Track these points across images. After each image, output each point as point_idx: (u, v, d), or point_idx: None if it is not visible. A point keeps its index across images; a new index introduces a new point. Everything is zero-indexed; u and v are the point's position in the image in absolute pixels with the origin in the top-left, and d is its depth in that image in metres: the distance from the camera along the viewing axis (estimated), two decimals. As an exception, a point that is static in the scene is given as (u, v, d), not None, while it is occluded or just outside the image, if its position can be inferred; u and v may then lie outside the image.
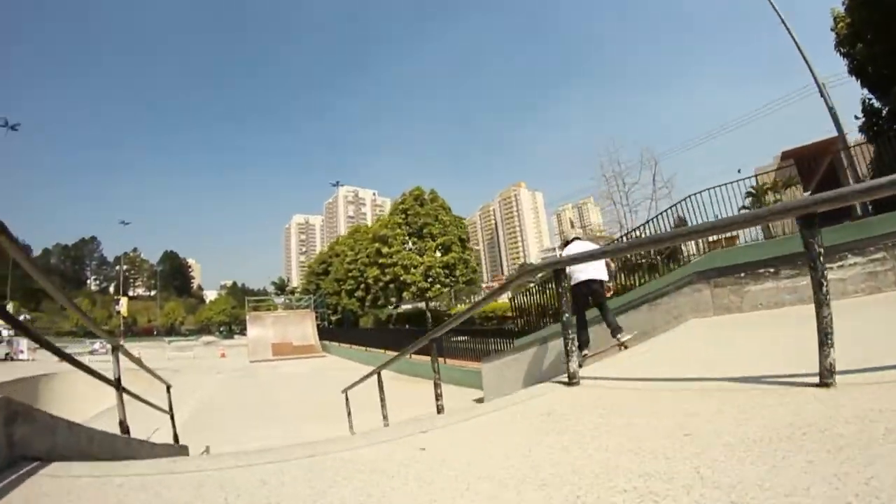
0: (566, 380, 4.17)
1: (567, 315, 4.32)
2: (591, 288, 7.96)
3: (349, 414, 9.87)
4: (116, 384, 4.70)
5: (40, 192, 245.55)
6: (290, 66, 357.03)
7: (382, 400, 7.73)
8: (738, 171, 25.11)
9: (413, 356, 18.72)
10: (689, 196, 14.76)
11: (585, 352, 7.76)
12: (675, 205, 15.78)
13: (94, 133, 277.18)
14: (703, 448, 2.21)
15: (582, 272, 7.93)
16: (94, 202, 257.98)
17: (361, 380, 9.53)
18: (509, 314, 33.03)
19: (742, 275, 9.47)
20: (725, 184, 14.13)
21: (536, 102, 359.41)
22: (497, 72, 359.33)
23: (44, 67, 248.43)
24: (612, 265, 8.63)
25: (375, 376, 8.98)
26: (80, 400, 20.13)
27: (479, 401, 12.14)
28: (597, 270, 8.00)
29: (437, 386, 5.70)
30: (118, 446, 4.11)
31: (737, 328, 7.61)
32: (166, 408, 8.23)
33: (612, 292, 8.74)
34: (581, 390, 3.93)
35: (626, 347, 7.48)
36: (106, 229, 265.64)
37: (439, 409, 5.46)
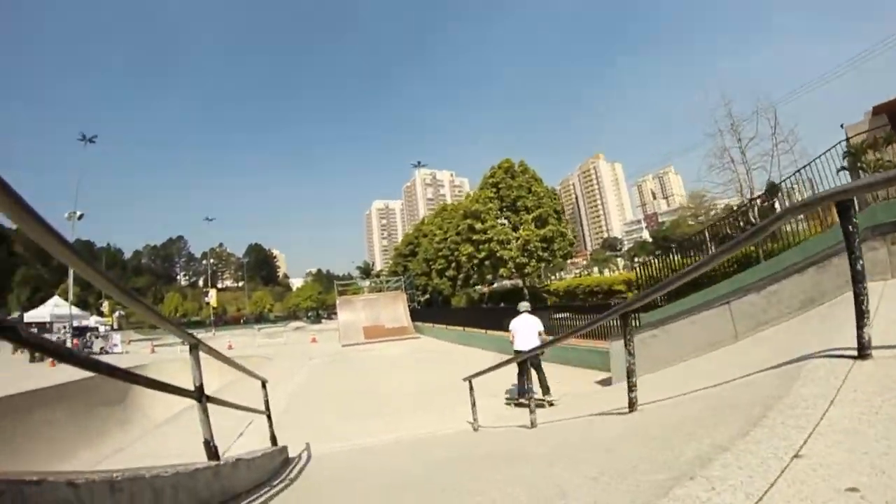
0: (852, 353, 2.73)
1: (860, 263, 2.92)
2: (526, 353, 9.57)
3: (473, 405, 8.54)
4: (198, 394, 3.55)
5: (127, 199, 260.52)
6: (359, 52, 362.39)
7: (530, 391, 6.25)
8: (842, 127, 22.63)
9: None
10: (797, 171, 13.60)
11: (524, 399, 10.08)
12: (798, 170, 13.83)
13: (173, 136, 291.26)
14: None
15: (522, 345, 10.81)
16: (179, 203, 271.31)
17: (493, 368, 8.20)
18: (618, 288, 31.41)
19: (923, 226, 7.76)
20: (828, 150, 12.69)
21: (609, 69, 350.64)
22: (567, 39, 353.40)
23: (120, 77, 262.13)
24: (544, 335, 11.20)
25: (507, 364, 7.55)
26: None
27: (604, 383, 10.81)
28: (533, 342, 10.81)
29: (630, 374, 4.22)
30: (203, 485, 2.97)
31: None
32: (260, 405, 7.28)
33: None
34: (893, 363, 2.53)
35: (552, 405, 10.30)
36: (192, 228, 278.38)
37: (632, 404, 4.06)
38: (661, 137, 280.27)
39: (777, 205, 17.15)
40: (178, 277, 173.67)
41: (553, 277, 75.06)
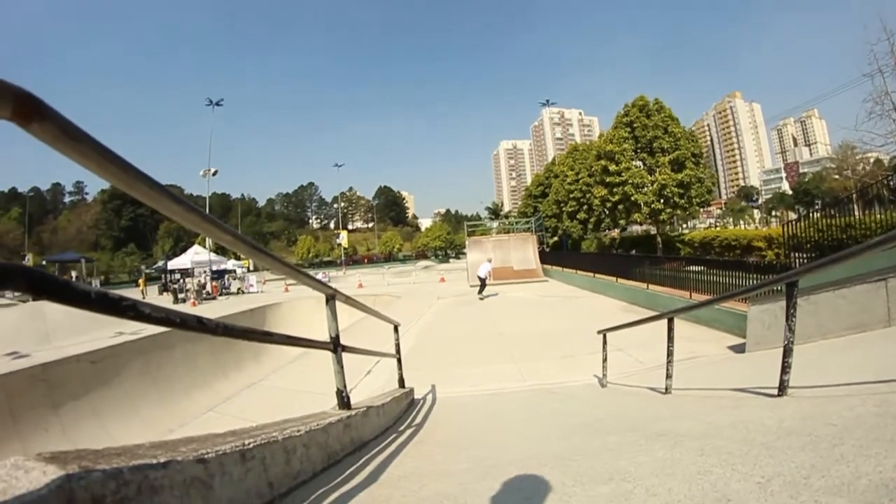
0: None
1: None
2: (482, 278, 23.61)
3: (604, 360, 8.29)
4: (333, 345, 3.53)
5: (260, 152, 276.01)
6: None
7: (670, 354, 5.85)
8: None
9: (651, 286, 17.04)
10: None
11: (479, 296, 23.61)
12: None
13: (300, 91, 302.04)
14: None
15: (480, 273, 23.89)
16: (310, 152, 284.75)
17: (634, 324, 7.77)
18: (757, 245, 29.58)
19: None
20: None
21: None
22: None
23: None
24: (490, 270, 24.40)
25: (651, 320, 7.08)
26: (302, 323, 21.67)
27: (735, 348, 10.19)
28: (484, 272, 23.79)
29: (787, 353, 3.72)
30: (334, 439, 2.96)
31: None
32: (390, 343, 7.43)
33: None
34: None
35: (482, 299, 23.19)
36: (322, 174, 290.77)
37: (782, 387, 3.68)
38: (805, 76, 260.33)
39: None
40: (310, 221, 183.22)
41: (685, 226, 72.54)
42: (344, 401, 3.61)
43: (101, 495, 1.13)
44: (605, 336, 8.37)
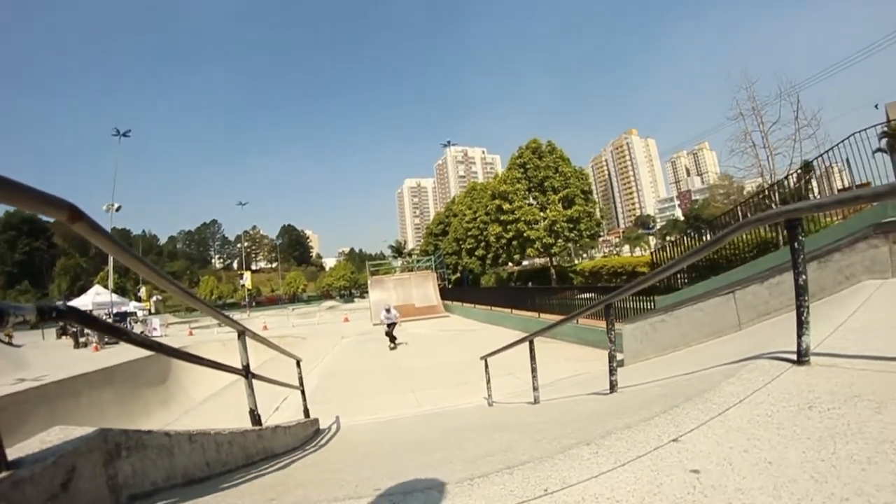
0: (793, 357, 3.08)
1: (803, 278, 3.25)
2: (391, 325, 20.48)
3: (488, 382, 9.27)
4: (245, 371, 4.31)
5: (161, 188, 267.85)
6: (387, 27, 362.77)
7: (534, 370, 6.93)
8: (876, 108, 21.89)
9: (542, 314, 18.23)
10: (830, 149, 13.09)
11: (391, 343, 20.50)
12: (830, 149, 13.71)
13: (203, 126, 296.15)
14: None
15: (387, 320, 20.54)
16: (212, 190, 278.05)
17: (506, 347, 8.73)
18: (642, 269, 31.62)
19: (931, 228, 8.02)
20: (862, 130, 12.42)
21: (642, 42, 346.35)
22: (597, 14, 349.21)
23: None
24: (397, 314, 21.50)
25: (518, 343, 8.12)
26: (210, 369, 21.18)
27: (619, 364, 11.37)
28: (391, 319, 20.50)
29: (611, 359, 4.81)
30: (250, 443, 3.73)
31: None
32: (295, 382, 7.95)
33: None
34: (819, 371, 2.82)
35: (394, 348, 20.08)
36: (225, 212, 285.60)
37: (612, 387, 4.69)
38: (697, 112, 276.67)
39: (815, 184, 17.10)
40: (213, 260, 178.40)
41: (584, 256, 75.40)
42: (256, 419, 4.38)
43: (119, 443, 1.96)
44: (486, 361, 9.36)
